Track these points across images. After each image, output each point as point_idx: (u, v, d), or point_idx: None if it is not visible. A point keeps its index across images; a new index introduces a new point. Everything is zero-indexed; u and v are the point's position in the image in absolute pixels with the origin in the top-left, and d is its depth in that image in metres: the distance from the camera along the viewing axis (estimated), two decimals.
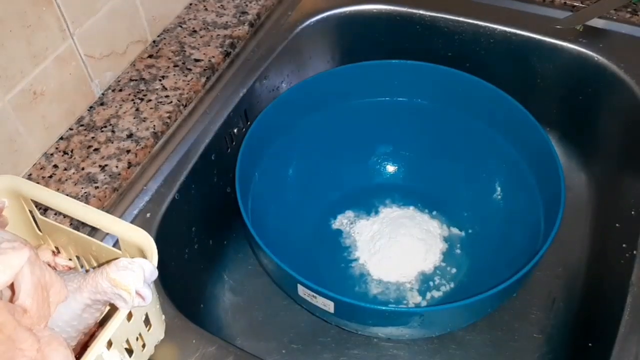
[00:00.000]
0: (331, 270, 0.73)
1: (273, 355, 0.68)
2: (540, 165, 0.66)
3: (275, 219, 0.72)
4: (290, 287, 0.58)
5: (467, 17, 0.79)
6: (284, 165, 0.76)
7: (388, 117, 0.78)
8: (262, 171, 0.71)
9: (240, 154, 0.65)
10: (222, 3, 0.81)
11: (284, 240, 0.71)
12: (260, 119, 0.68)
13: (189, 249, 0.68)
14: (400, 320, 0.57)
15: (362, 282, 0.72)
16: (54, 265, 0.53)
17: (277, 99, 0.70)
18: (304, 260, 0.72)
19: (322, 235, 0.77)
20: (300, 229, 0.75)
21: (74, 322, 0.44)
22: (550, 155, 0.63)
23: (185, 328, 0.53)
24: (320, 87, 0.74)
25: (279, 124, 0.72)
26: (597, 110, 0.76)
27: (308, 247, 0.75)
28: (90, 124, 0.66)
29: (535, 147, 0.66)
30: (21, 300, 0.39)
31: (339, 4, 0.83)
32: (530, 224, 0.65)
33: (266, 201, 0.71)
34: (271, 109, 0.70)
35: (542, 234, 0.62)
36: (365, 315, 0.57)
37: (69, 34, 0.62)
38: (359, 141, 0.79)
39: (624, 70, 0.71)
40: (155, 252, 0.46)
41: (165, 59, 0.73)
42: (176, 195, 0.63)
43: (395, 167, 0.81)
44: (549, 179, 0.63)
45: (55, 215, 0.57)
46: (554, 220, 0.58)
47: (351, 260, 0.74)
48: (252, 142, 0.67)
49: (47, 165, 0.62)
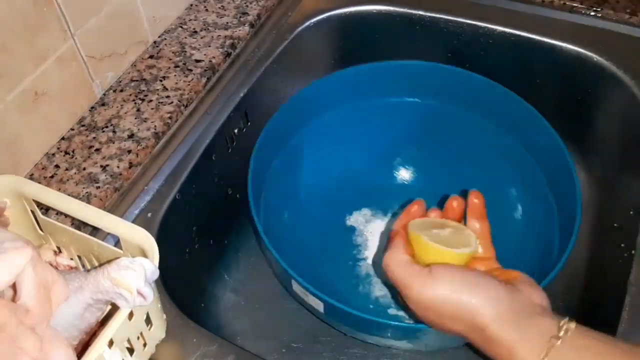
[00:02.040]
0: (338, 266, 0.73)
1: (273, 354, 0.68)
2: (556, 178, 0.64)
3: (288, 214, 0.72)
4: (287, 282, 0.58)
5: (467, 18, 0.79)
6: (299, 161, 0.75)
7: (402, 118, 0.77)
8: (277, 166, 0.70)
9: (257, 145, 0.64)
10: (223, 4, 0.81)
11: (295, 235, 0.71)
12: (276, 117, 0.67)
13: (189, 249, 0.68)
14: (384, 332, 0.55)
15: (367, 283, 0.72)
16: (56, 265, 0.54)
17: (291, 98, 0.69)
18: (313, 254, 0.72)
19: (335, 231, 0.76)
20: (313, 223, 0.75)
21: (76, 322, 0.45)
22: (568, 171, 0.61)
23: (186, 327, 0.53)
24: (335, 87, 0.73)
25: (293, 122, 0.71)
26: (596, 111, 0.76)
27: (318, 241, 0.74)
28: (91, 124, 0.66)
29: (553, 162, 0.64)
30: (23, 299, 0.39)
31: (339, 5, 0.83)
32: (544, 237, 0.63)
33: (279, 196, 0.70)
34: (286, 108, 0.69)
35: (557, 248, 0.60)
36: (351, 321, 0.56)
37: (70, 34, 0.62)
38: (374, 141, 0.78)
39: (623, 70, 0.71)
40: (156, 251, 0.46)
41: (166, 60, 0.73)
42: (177, 195, 0.64)
43: (412, 169, 0.80)
44: (566, 195, 0.61)
45: (57, 215, 0.57)
46: (569, 235, 0.56)
47: (359, 259, 0.74)
48: (268, 136, 0.66)
49: (48, 165, 0.63)
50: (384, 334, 0.56)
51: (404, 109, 0.76)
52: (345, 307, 0.53)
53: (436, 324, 0.47)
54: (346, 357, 0.67)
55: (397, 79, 0.73)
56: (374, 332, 0.57)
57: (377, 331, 0.56)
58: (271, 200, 0.68)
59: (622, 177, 0.71)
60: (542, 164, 0.67)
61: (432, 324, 0.48)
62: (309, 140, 0.74)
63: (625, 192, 0.67)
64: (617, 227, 0.63)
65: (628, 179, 0.69)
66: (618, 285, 0.56)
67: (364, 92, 0.74)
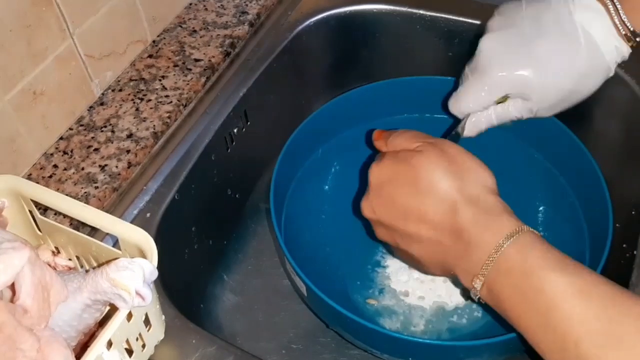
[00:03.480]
0: (355, 267, 0.72)
1: (273, 355, 0.68)
2: (587, 195, 0.64)
3: (315, 209, 0.72)
4: (285, 265, 0.58)
5: (467, 17, 0.79)
6: (329, 162, 0.75)
7: (429, 133, 0.75)
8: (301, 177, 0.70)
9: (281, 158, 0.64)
10: (222, 3, 0.81)
11: (323, 231, 0.71)
12: (300, 130, 0.67)
13: (188, 249, 0.68)
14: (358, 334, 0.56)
15: (378, 289, 0.71)
16: (54, 265, 0.53)
17: (314, 113, 0.69)
18: (333, 250, 0.72)
19: (365, 233, 0.75)
20: (341, 223, 0.74)
21: (74, 322, 0.44)
22: (600, 190, 0.60)
23: (185, 328, 0.53)
24: (361, 101, 0.72)
25: (318, 134, 0.71)
26: (596, 110, 0.76)
27: (344, 240, 0.73)
28: (90, 124, 0.66)
29: (584, 178, 0.64)
30: (22, 300, 0.39)
31: (339, 4, 0.83)
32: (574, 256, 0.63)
33: (306, 195, 0.70)
34: (309, 122, 0.68)
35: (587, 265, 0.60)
36: (329, 314, 0.56)
37: (69, 33, 0.62)
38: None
39: (623, 70, 0.71)
40: (155, 252, 0.46)
41: (165, 59, 0.73)
42: (176, 195, 0.63)
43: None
44: (596, 211, 0.60)
45: (55, 215, 0.57)
46: (601, 253, 0.55)
47: (380, 266, 0.73)
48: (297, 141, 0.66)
49: (47, 165, 0.62)
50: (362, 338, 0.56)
51: (434, 125, 0.73)
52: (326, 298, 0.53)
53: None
54: (346, 358, 0.67)
55: (423, 94, 0.72)
56: (354, 334, 0.57)
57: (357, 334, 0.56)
58: (292, 209, 0.67)
59: (622, 177, 0.70)
60: (573, 181, 0.67)
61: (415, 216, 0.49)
62: (335, 153, 0.74)
63: (626, 192, 0.67)
64: (618, 227, 0.62)
65: (629, 179, 0.69)
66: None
67: (390, 107, 0.74)
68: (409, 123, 0.75)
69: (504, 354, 0.59)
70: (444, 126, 0.74)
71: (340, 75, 0.89)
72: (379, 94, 0.72)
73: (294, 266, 0.55)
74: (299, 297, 0.70)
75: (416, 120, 0.75)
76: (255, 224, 0.81)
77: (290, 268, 0.56)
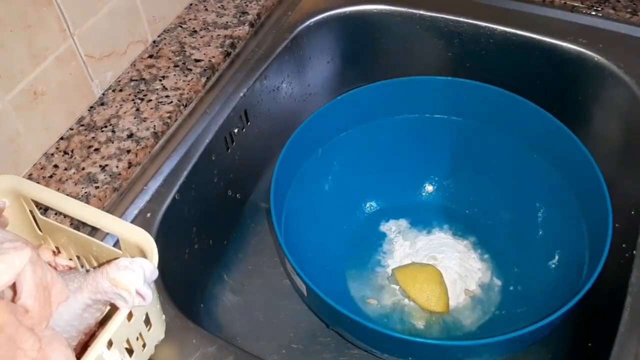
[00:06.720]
0: (355, 267, 0.73)
1: (273, 355, 0.68)
2: (586, 195, 0.64)
3: (315, 209, 0.72)
4: (285, 265, 0.58)
5: (467, 17, 0.79)
6: (329, 162, 0.75)
7: (433, 134, 0.76)
8: (301, 177, 0.70)
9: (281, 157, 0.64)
10: (223, 3, 0.81)
11: (323, 231, 0.72)
12: (300, 130, 0.67)
13: (189, 249, 0.68)
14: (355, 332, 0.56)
15: (378, 290, 0.71)
16: (55, 265, 0.53)
17: (315, 113, 0.69)
18: (333, 250, 0.72)
19: (366, 233, 0.76)
20: (341, 223, 0.75)
21: (75, 322, 0.44)
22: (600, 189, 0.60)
23: (185, 328, 0.53)
24: (361, 101, 0.72)
25: (318, 134, 0.71)
26: (596, 111, 0.76)
27: (345, 239, 0.74)
28: (90, 124, 0.66)
29: (583, 178, 0.63)
30: (23, 300, 0.39)
31: (339, 4, 0.83)
32: (574, 256, 0.63)
33: (306, 195, 0.70)
34: (309, 123, 0.68)
35: (587, 265, 0.60)
36: (330, 314, 0.56)
37: (69, 34, 0.62)
38: (402, 158, 0.78)
39: (623, 70, 0.71)
40: (155, 252, 0.46)
41: (166, 59, 0.73)
42: (176, 195, 0.64)
43: (441, 185, 0.79)
44: (595, 211, 0.60)
45: (56, 215, 0.57)
46: (600, 254, 0.55)
47: (380, 266, 0.73)
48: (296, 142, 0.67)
49: (47, 165, 0.62)
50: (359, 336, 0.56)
51: (434, 125, 0.75)
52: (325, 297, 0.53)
53: None
54: (346, 358, 0.67)
55: (423, 94, 0.73)
56: (353, 333, 0.57)
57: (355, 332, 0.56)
58: (292, 209, 0.68)
59: (622, 177, 0.71)
60: (573, 181, 0.67)
61: None
62: (335, 153, 0.74)
63: (626, 192, 0.67)
64: (618, 227, 0.62)
65: (628, 179, 0.69)
66: (619, 286, 0.56)
67: (390, 107, 0.74)
68: (409, 123, 0.75)
69: (504, 354, 0.59)
70: (444, 126, 0.75)
71: (340, 75, 0.89)
72: (379, 94, 0.72)
73: (294, 266, 0.55)
74: (299, 297, 0.70)
75: (416, 120, 0.75)
76: (255, 224, 0.81)
77: (290, 268, 0.57)
